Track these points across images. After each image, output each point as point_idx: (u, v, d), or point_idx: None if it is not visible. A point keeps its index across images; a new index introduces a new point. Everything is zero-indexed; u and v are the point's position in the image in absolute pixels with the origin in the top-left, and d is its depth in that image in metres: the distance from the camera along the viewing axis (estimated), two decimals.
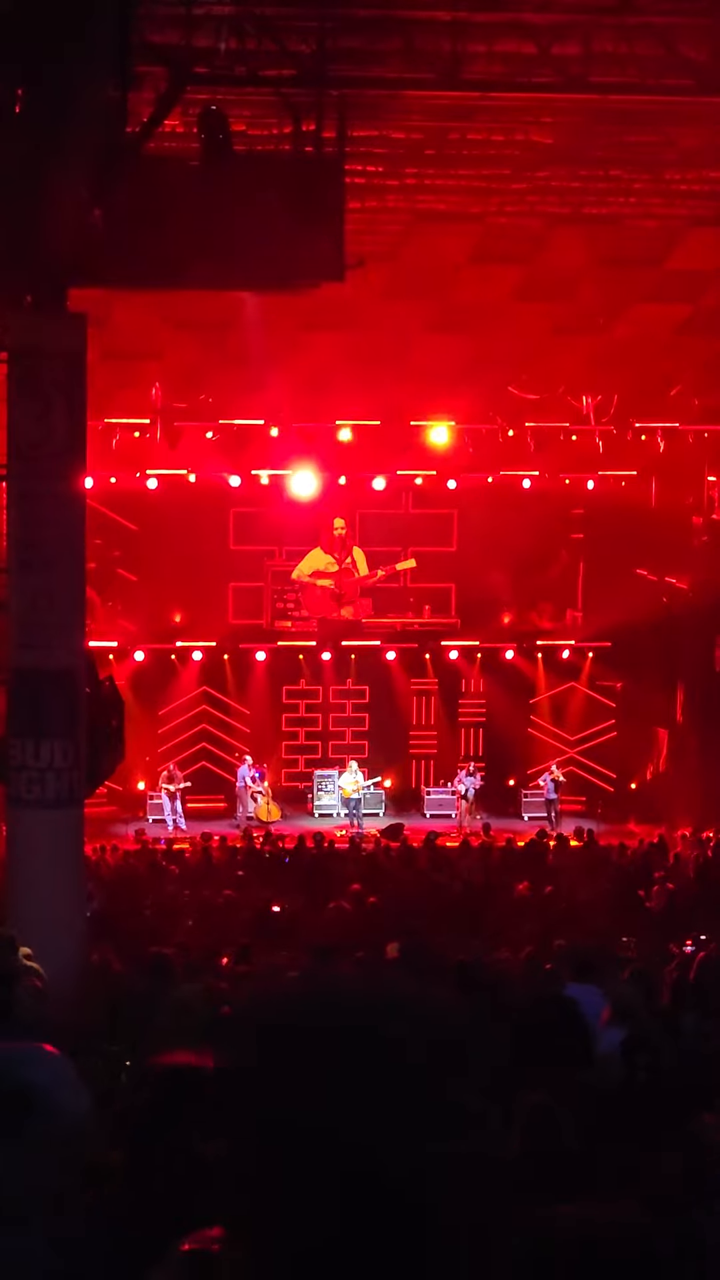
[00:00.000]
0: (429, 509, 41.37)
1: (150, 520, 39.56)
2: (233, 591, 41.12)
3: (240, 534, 40.80)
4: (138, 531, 39.72)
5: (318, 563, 40.47)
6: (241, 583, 41.02)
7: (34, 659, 21.79)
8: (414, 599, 41.75)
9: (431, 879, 29.79)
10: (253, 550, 40.89)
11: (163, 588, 40.06)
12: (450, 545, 41.71)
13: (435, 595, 41.92)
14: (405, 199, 31.35)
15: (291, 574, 40.70)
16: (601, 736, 42.63)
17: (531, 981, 15.69)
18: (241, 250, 22.45)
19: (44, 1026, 13.79)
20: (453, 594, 42.09)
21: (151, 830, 36.94)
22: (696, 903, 26.48)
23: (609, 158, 29.42)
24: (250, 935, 22.09)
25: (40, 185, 20.03)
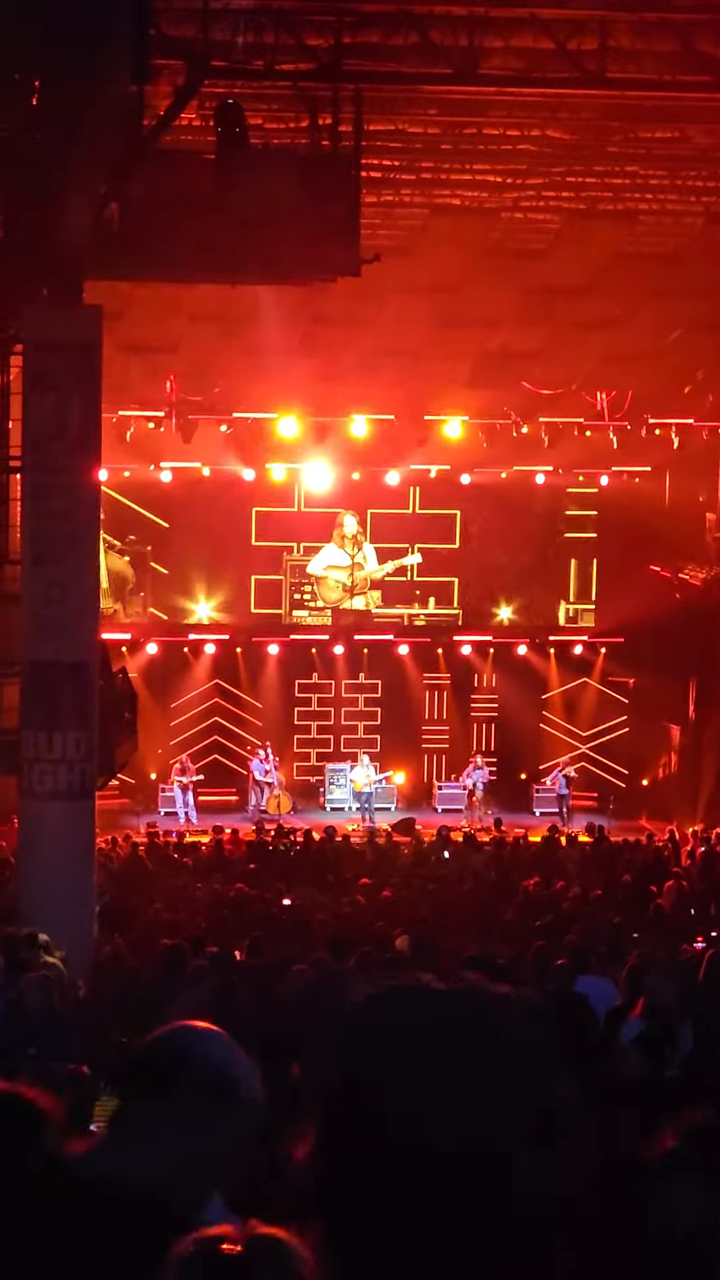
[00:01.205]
0: (436, 506, 41.40)
1: (179, 516, 40.06)
2: (254, 584, 41.22)
3: (261, 530, 41.02)
4: (169, 528, 40.25)
5: (331, 557, 40.57)
6: (262, 575, 41.17)
7: (48, 651, 21.83)
8: (420, 591, 41.80)
9: (442, 873, 29.79)
10: (273, 546, 41.08)
11: (191, 580, 40.68)
12: (453, 541, 41.71)
13: (439, 588, 41.96)
14: (421, 193, 31.37)
15: (307, 568, 40.78)
16: (614, 732, 42.60)
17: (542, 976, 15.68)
18: (257, 244, 22.48)
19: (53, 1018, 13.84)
20: (455, 587, 42.07)
21: (163, 823, 36.90)
22: (708, 900, 26.47)
23: (625, 154, 29.42)
24: (262, 928, 22.10)
25: (57, 178, 20.06)
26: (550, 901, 26.03)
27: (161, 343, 34.89)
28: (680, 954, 19.01)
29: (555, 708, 42.71)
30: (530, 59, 24.16)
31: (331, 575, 40.74)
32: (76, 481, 22.08)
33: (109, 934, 21.28)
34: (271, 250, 22.63)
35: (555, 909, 25.19)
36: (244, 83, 23.77)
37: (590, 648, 42.03)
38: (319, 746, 41.82)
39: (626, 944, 20.31)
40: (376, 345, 34.96)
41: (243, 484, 39.88)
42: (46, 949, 17.44)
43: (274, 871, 29.59)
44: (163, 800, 39.35)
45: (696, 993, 14.75)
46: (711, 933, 21.67)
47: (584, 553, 42.68)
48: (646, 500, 40.77)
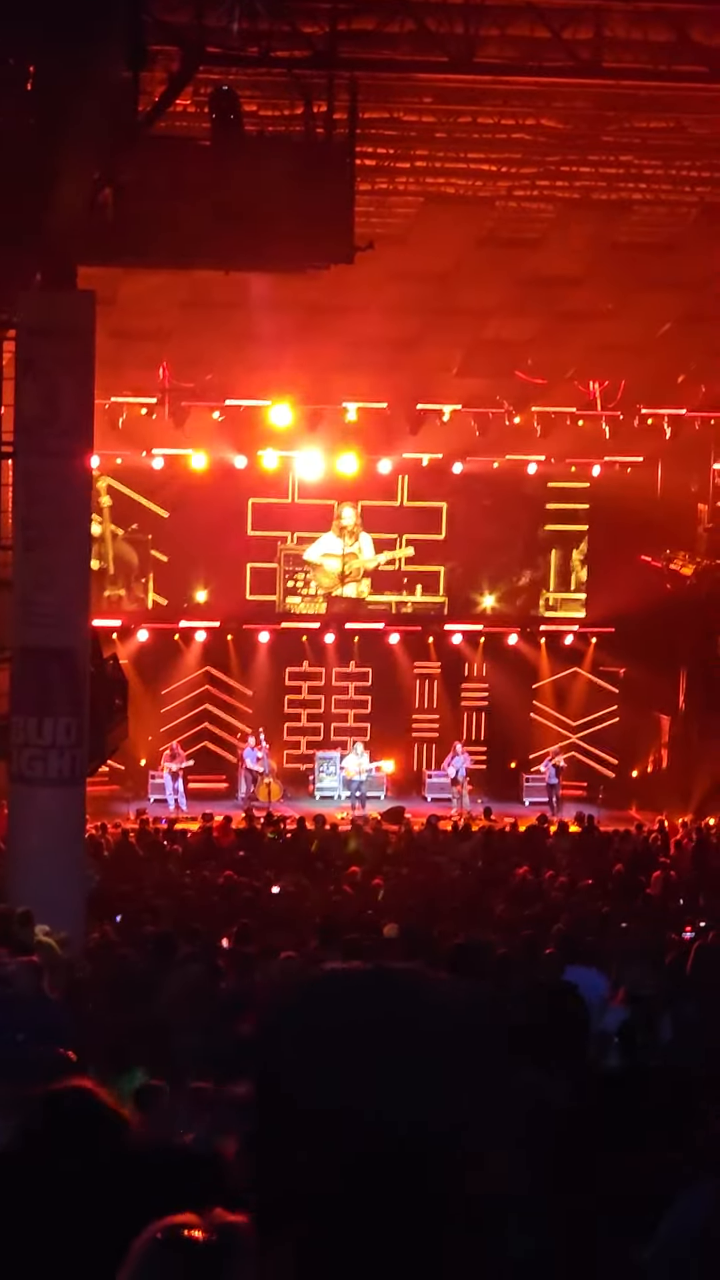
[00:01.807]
0: (424, 497, 41.44)
1: (176, 505, 40.17)
2: (250, 571, 41.28)
3: (257, 520, 41.10)
4: (169, 518, 40.38)
5: (328, 546, 40.68)
6: (257, 563, 41.24)
7: (38, 637, 21.82)
8: (407, 580, 41.82)
9: (432, 862, 29.82)
10: (268, 535, 41.13)
11: (189, 567, 40.76)
12: (439, 531, 41.72)
13: (426, 577, 41.99)
14: (415, 181, 31.35)
15: (304, 554, 40.86)
16: (604, 722, 42.64)
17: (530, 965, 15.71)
18: (251, 231, 22.45)
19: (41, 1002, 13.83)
20: (441, 576, 42.07)
21: (153, 810, 36.93)
22: (696, 890, 26.51)
23: (620, 143, 29.40)
24: (251, 915, 22.11)
25: (51, 163, 20.03)
26: (539, 891, 26.07)
27: (154, 329, 34.84)
28: (666, 943, 19.06)
29: (545, 697, 42.74)
30: (525, 47, 24.14)
31: (327, 563, 40.82)
32: (68, 467, 22.05)
33: (98, 920, 21.29)
34: (265, 237, 22.60)
35: (544, 898, 25.23)
36: (238, 69, 23.73)
37: (581, 638, 42.05)
38: (309, 735, 41.87)
39: (615, 934, 20.36)
40: (369, 333, 34.92)
41: (237, 472, 39.86)
42: (26, 920, 17.45)
43: (263, 859, 29.61)
44: (153, 787, 39.39)
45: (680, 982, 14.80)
46: (700, 922, 21.68)
47: (566, 543, 42.62)
48: (638, 490, 40.76)
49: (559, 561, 42.72)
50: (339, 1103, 2.11)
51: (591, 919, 21.54)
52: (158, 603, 40.77)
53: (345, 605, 40.98)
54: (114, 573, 40.09)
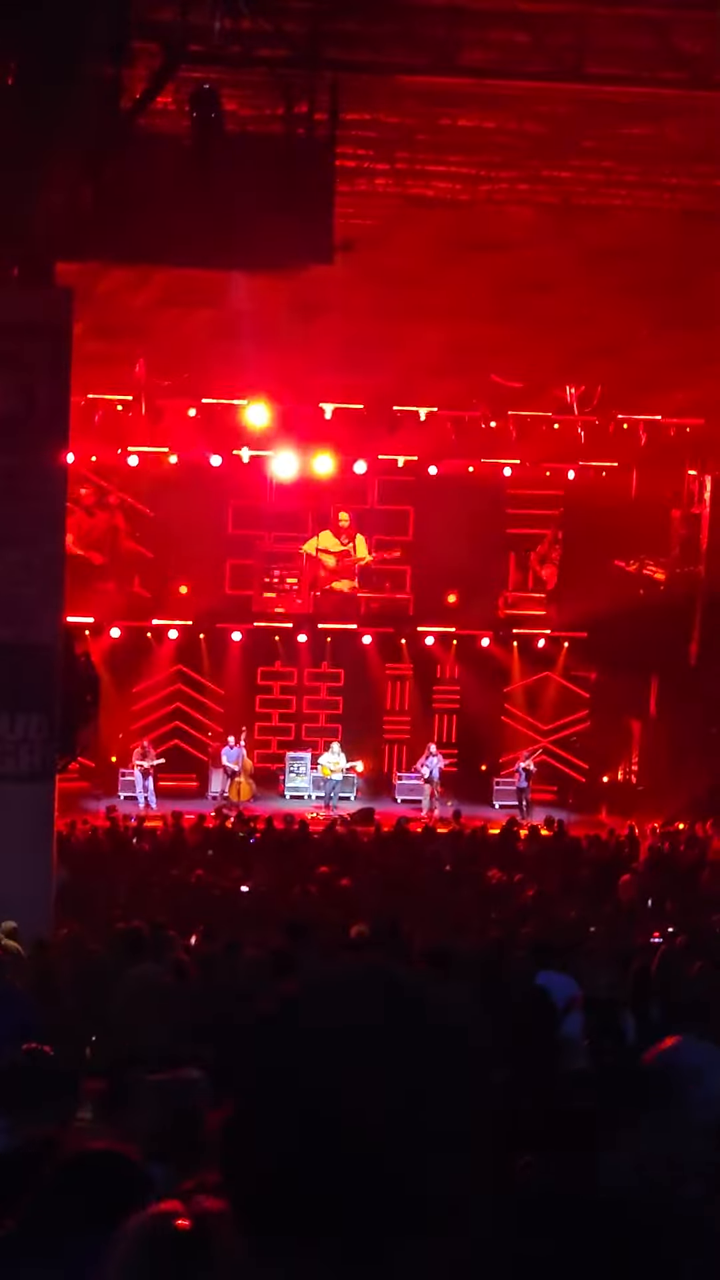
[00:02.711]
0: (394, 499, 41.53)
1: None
2: (229, 568, 41.35)
3: (237, 520, 41.24)
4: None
5: (326, 542, 40.77)
6: (236, 560, 41.37)
7: (11, 633, 21.83)
8: (376, 578, 41.87)
9: (400, 864, 29.83)
10: (247, 534, 41.24)
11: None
12: (406, 534, 41.76)
13: (393, 575, 42.06)
14: (395, 183, 31.31)
15: (300, 548, 41.33)
16: (575, 726, 42.70)
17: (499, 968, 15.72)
18: (230, 230, 22.47)
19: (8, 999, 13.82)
20: (408, 575, 42.05)
21: (123, 807, 36.92)
22: (664, 895, 26.56)
23: (601, 149, 29.38)
24: (219, 914, 22.13)
25: (30, 159, 20.02)
26: (508, 894, 26.12)
27: (131, 326, 34.80)
28: (633, 948, 19.10)
29: (517, 701, 42.78)
30: (508, 52, 24.16)
31: (323, 557, 40.91)
32: (44, 464, 22.06)
33: (67, 917, 21.28)
34: (245, 236, 22.62)
35: (513, 901, 25.28)
36: (221, 68, 23.70)
37: (553, 642, 42.07)
38: (280, 734, 41.89)
39: (584, 938, 20.40)
40: (347, 334, 34.91)
41: (216, 471, 39.85)
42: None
43: (232, 858, 29.61)
44: (122, 784, 39.39)
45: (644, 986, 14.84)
46: (668, 928, 21.74)
47: (528, 544, 42.58)
48: (612, 495, 40.82)
49: (520, 563, 42.65)
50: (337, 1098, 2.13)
51: (561, 923, 21.58)
52: (143, 597, 40.64)
53: (338, 599, 40.93)
54: (106, 567, 40.17)
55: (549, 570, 42.33)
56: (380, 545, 41.46)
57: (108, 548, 40.15)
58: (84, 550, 39.38)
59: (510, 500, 41.92)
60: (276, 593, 41.06)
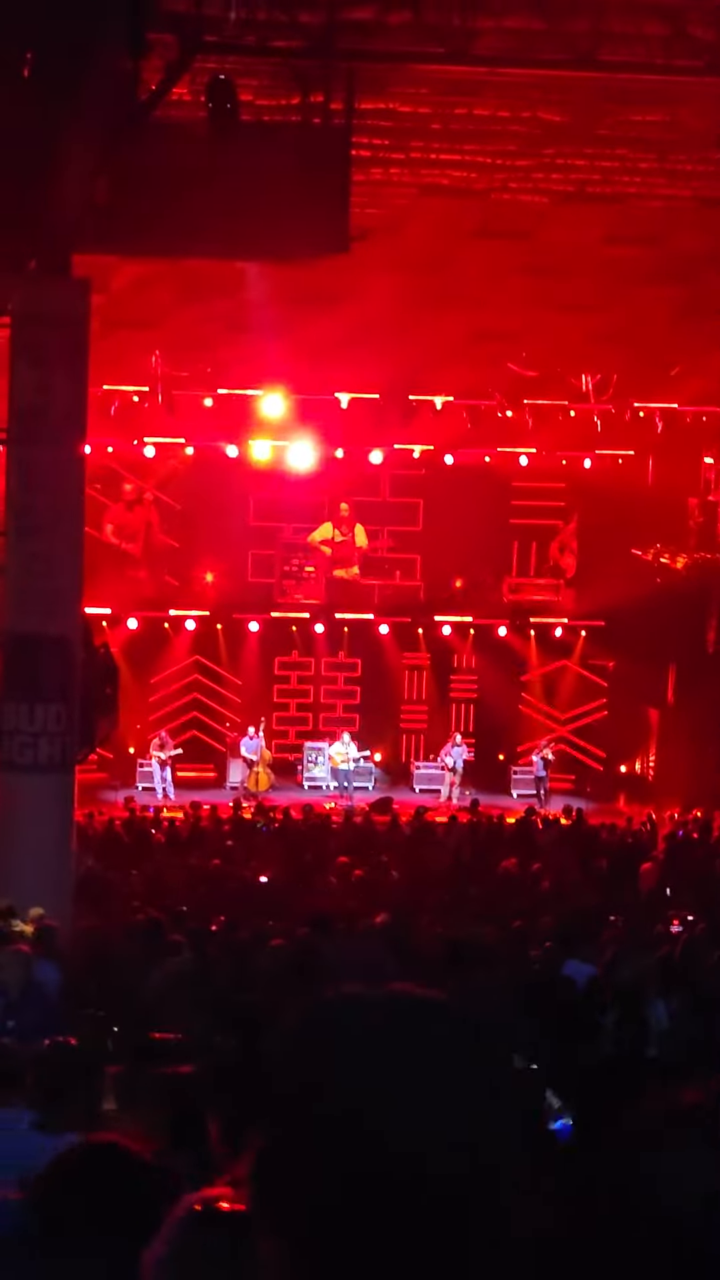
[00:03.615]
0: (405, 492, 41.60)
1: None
2: (251, 558, 41.49)
3: (258, 512, 41.34)
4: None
5: (327, 533, 40.85)
6: (258, 550, 41.48)
7: (31, 624, 21.85)
8: (388, 566, 41.88)
9: (419, 853, 29.84)
10: (268, 525, 41.35)
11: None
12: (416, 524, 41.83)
13: (403, 564, 42.11)
14: (410, 173, 31.30)
15: (305, 540, 41.19)
16: (592, 715, 42.67)
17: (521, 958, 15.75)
18: (246, 220, 22.48)
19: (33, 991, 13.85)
20: (418, 564, 42.12)
21: (141, 798, 36.96)
22: (683, 883, 26.55)
23: (615, 136, 29.37)
24: (238, 904, 22.15)
25: (47, 150, 20.03)
26: (527, 883, 26.11)
27: (147, 317, 34.84)
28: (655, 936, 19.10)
29: (535, 690, 42.76)
30: (522, 40, 24.14)
31: (324, 549, 40.95)
32: (62, 455, 22.07)
33: (86, 907, 21.31)
34: (261, 227, 22.63)
35: (532, 891, 25.28)
36: (236, 58, 23.71)
37: (570, 631, 42.04)
38: (298, 724, 41.90)
39: (604, 926, 20.39)
40: (362, 324, 34.92)
41: (234, 461, 39.90)
42: (9, 913, 17.48)
43: (251, 848, 29.63)
44: (141, 775, 39.42)
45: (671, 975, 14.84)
46: (687, 916, 21.73)
47: (538, 533, 42.52)
48: (629, 484, 40.78)
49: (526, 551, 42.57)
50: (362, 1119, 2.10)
51: (581, 912, 21.57)
52: (173, 585, 40.82)
53: (341, 586, 40.95)
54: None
55: (569, 559, 42.27)
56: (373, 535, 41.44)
57: (142, 539, 40.34)
58: (121, 542, 39.84)
59: (520, 488, 41.80)
60: (297, 579, 41.08)
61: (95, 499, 38.83)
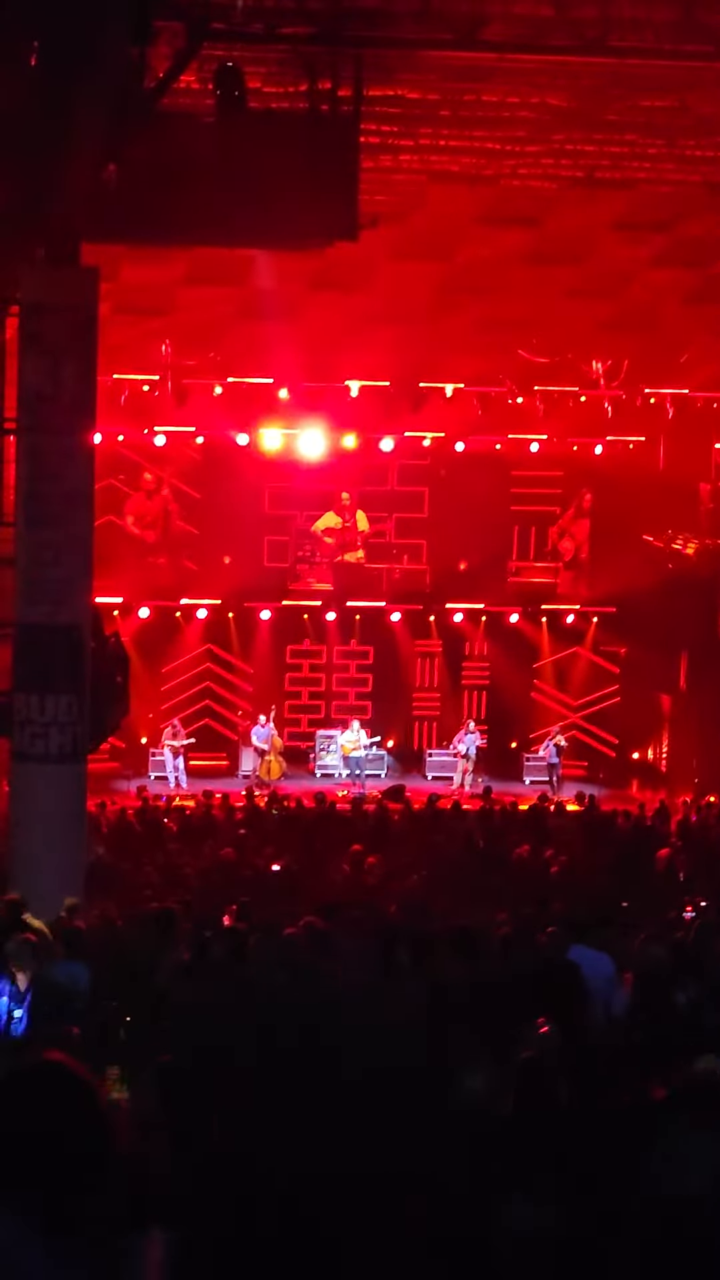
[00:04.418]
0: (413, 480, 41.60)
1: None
2: (267, 544, 41.58)
3: (273, 500, 41.41)
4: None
5: (330, 521, 40.84)
6: (273, 537, 41.63)
7: (41, 614, 21.85)
8: (395, 550, 41.85)
9: (431, 841, 29.81)
10: (282, 514, 41.48)
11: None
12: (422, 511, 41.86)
13: (410, 550, 42.08)
14: (419, 159, 31.24)
15: (311, 528, 41.09)
16: (604, 702, 42.64)
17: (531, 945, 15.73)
18: (254, 208, 22.46)
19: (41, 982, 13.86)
20: (424, 549, 42.10)
21: (153, 787, 36.97)
22: (697, 869, 26.52)
23: (624, 122, 29.31)
24: (251, 893, 22.13)
25: (55, 139, 20.01)
26: (539, 870, 26.09)
27: (156, 305, 34.80)
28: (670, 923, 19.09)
29: (547, 677, 42.73)
30: (531, 26, 24.08)
31: (326, 538, 40.92)
32: (71, 444, 22.07)
33: (98, 897, 21.31)
34: (269, 214, 22.60)
35: (544, 877, 25.26)
36: (244, 46, 23.66)
37: (582, 617, 42.00)
38: (310, 713, 41.90)
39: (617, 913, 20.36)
40: (372, 311, 34.90)
41: (246, 450, 39.91)
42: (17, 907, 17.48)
43: (264, 836, 29.62)
44: (153, 764, 39.43)
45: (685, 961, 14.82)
46: (701, 902, 21.69)
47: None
48: (640, 470, 40.74)
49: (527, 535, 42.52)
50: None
51: (593, 898, 21.54)
52: (192, 570, 40.90)
53: (348, 570, 40.92)
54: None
55: (567, 543, 42.19)
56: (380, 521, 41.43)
57: (161, 527, 40.40)
58: (141, 530, 40.12)
59: (524, 473, 41.75)
60: (310, 564, 41.11)
61: (118, 489, 39.18)
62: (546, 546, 42.46)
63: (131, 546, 39.58)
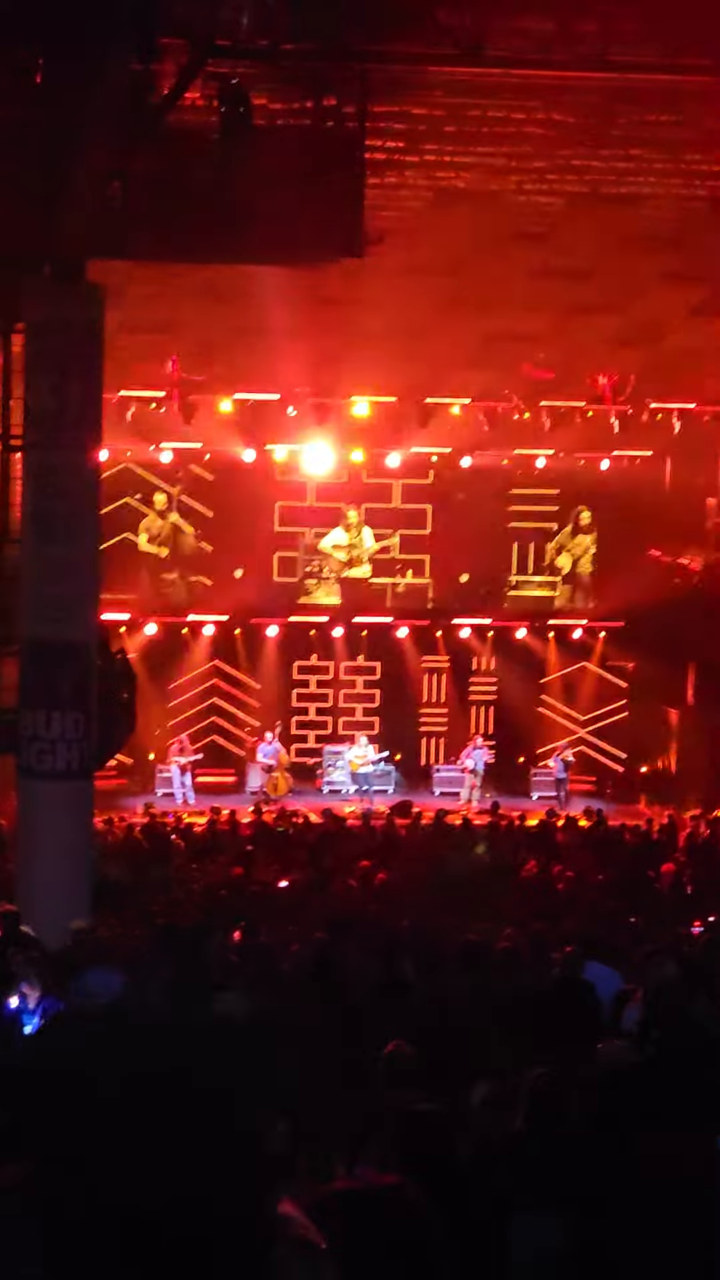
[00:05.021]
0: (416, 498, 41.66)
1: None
2: (276, 559, 41.67)
3: (282, 518, 41.55)
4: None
5: (338, 538, 40.84)
6: (282, 552, 41.73)
7: (47, 631, 21.84)
8: (400, 565, 41.89)
9: (440, 857, 29.79)
10: (291, 530, 41.61)
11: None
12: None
13: (414, 564, 42.13)
14: (425, 175, 31.27)
15: (319, 545, 41.09)
16: (612, 717, 42.61)
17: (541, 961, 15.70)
18: (260, 225, 22.48)
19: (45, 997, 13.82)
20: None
21: (161, 803, 36.95)
22: (705, 884, 26.49)
23: (629, 137, 29.33)
24: (258, 910, 22.11)
25: (60, 156, 20.03)
26: (547, 885, 26.07)
27: (163, 322, 34.81)
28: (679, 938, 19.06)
29: (554, 692, 42.71)
30: (535, 41, 24.10)
31: (335, 553, 40.92)
32: (78, 461, 22.07)
33: (105, 914, 21.29)
34: (275, 231, 22.61)
35: (552, 893, 25.24)
36: (249, 62, 23.67)
37: (589, 632, 41.98)
38: (317, 729, 41.87)
39: (624, 928, 20.35)
40: (378, 327, 34.89)
41: (258, 468, 39.98)
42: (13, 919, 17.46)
43: (271, 853, 29.60)
44: (160, 781, 39.40)
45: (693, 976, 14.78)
46: (709, 917, 21.67)
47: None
48: (647, 484, 40.73)
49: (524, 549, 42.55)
50: None
51: (602, 914, 21.52)
52: (205, 584, 40.97)
53: (353, 586, 40.95)
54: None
55: (565, 558, 42.14)
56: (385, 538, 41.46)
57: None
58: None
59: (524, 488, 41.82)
60: (318, 579, 41.15)
61: (133, 507, 39.35)
62: (544, 562, 42.44)
63: (147, 564, 39.64)
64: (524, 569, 42.54)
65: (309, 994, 13.19)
